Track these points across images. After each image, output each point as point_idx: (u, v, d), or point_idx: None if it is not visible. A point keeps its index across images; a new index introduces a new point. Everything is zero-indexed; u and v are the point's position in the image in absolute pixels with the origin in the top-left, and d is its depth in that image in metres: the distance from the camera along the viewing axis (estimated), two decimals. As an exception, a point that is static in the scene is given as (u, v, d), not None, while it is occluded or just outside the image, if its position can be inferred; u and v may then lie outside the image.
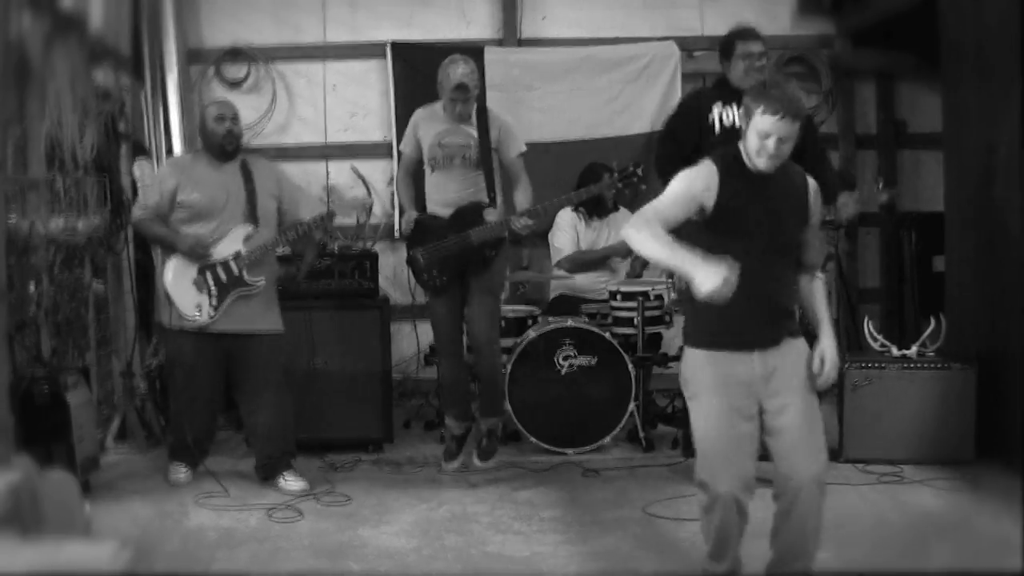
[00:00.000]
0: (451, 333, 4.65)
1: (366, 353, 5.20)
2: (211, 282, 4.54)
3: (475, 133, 4.55)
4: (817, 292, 3.31)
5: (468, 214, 4.52)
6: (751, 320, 3.15)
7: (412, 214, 4.67)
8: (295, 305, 5.10)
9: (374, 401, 5.22)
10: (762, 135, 3.07)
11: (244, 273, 4.56)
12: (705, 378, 3.21)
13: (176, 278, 4.55)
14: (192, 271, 4.54)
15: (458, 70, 4.48)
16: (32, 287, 4.74)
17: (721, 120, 4.53)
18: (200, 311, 4.53)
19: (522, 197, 4.59)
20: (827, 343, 3.21)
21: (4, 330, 3.96)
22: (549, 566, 3.68)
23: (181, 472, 4.71)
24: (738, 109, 4.50)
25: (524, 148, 4.66)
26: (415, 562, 3.73)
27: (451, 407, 4.78)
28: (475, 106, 4.58)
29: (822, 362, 3.18)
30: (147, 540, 3.92)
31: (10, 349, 4.31)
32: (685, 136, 4.56)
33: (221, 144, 4.60)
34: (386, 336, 5.28)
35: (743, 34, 4.55)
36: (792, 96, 3.10)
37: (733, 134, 4.48)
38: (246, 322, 4.58)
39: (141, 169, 5.75)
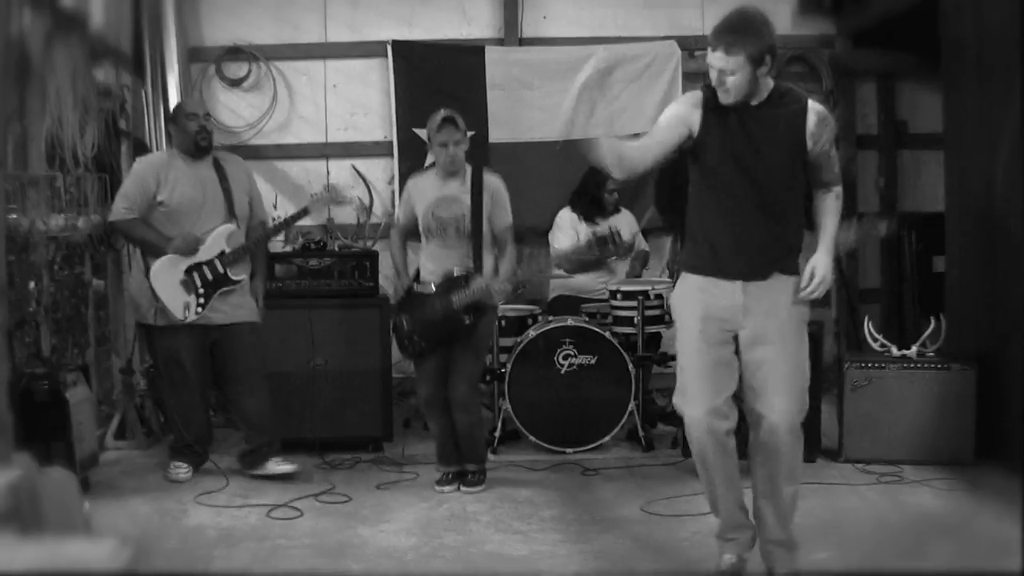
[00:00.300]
0: (435, 391, 4.59)
1: (366, 352, 5.20)
2: (198, 282, 4.58)
3: (468, 200, 4.49)
4: (828, 207, 3.30)
5: (454, 283, 4.48)
6: (735, 251, 3.20)
7: (405, 282, 4.65)
8: (295, 304, 5.11)
9: (374, 400, 5.22)
10: (711, 68, 3.11)
11: (228, 271, 4.63)
12: (688, 304, 3.28)
13: (163, 279, 4.56)
14: (179, 272, 4.57)
15: (443, 112, 4.47)
16: (32, 284, 4.74)
17: None
18: (188, 310, 4.57)
19: (506, 268, 4.56)
20: (821, 257, 3.22)
21: (4, 327, 3.96)
22: (548, 565, 3.68)
23: (182, 470, 4.73)
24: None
25: (511, 220, 4.59)
26: (414, 561, 3.73)
27: (444, 457, 4.70)
28: (469, 168, 4.54)
29: (812, 275, 3.20)
30: (146, 538, 3.92)
31: (10, 346, 4.32)
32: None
33: (195, 141, 4.62)
34: (386, 335, 5.27)
35: None
36: (725, 26, 3.06)
37: None
38: (229, 314, 4.66)
39: (149, 166, 5.75)
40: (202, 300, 4.59)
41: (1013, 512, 3.85)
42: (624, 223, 5.95)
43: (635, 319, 5.24)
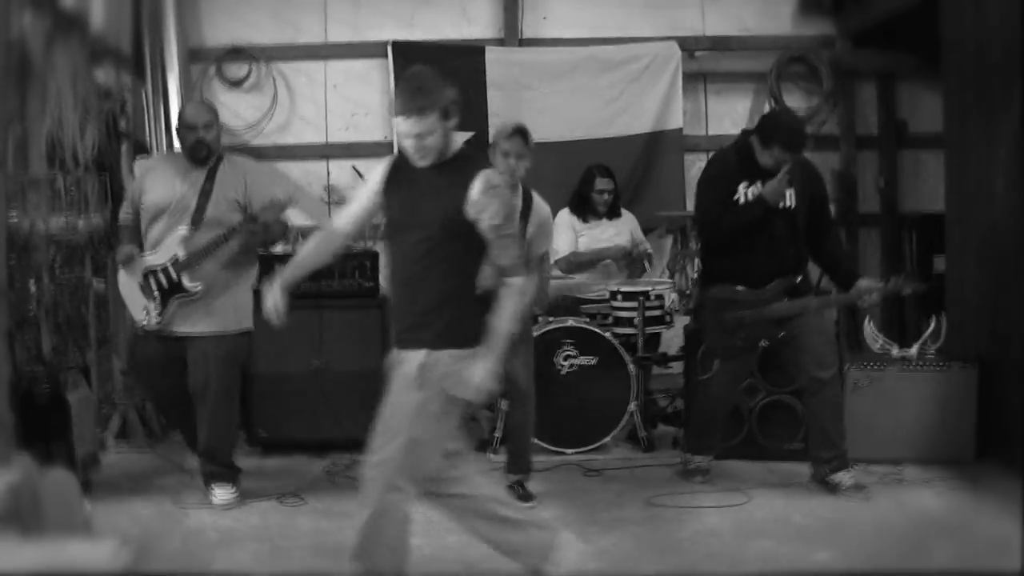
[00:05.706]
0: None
1: (366, 352, 5.18)
2: (154, 287, 4.37)
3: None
4: (502, 300, 3.11)
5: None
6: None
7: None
8: (295, 304, 5.06)
9: (374, 401, 5.20)
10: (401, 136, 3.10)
11: (183, 278, 4.34)
12: None
13: (126, 281, 4.45)
14: (137, 276, 4.40)
15: (516, 124, 4.59)
16: (33, 285, 4.74)
17: (747, 197, 4.45)
18: (148, 315, 4.38)
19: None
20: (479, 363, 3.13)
21: (5, 328, 3.96)
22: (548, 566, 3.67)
23: (229, 492, 4.41)
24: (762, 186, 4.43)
25: (547, 249, 4.72)
26: (416, 561, 3.71)
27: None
28: (521, 188, 4.58)
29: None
30: (147, 539, 3.92)
31: (10, 347, 4.31)
32: (721, 202, 4.49)
33: (189, 153, 4.42)
34: (386, 335, 5.27)
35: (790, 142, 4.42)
36: (408, 93, 3.02)
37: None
38: (190, 327, 4.38)
39: (141, 168, 5.75)
40: (159, 308, 4.36)
41: (1013, 512, 3.84)
42: (624, 226, 5.94)
43: (635, 320, 5.24)
